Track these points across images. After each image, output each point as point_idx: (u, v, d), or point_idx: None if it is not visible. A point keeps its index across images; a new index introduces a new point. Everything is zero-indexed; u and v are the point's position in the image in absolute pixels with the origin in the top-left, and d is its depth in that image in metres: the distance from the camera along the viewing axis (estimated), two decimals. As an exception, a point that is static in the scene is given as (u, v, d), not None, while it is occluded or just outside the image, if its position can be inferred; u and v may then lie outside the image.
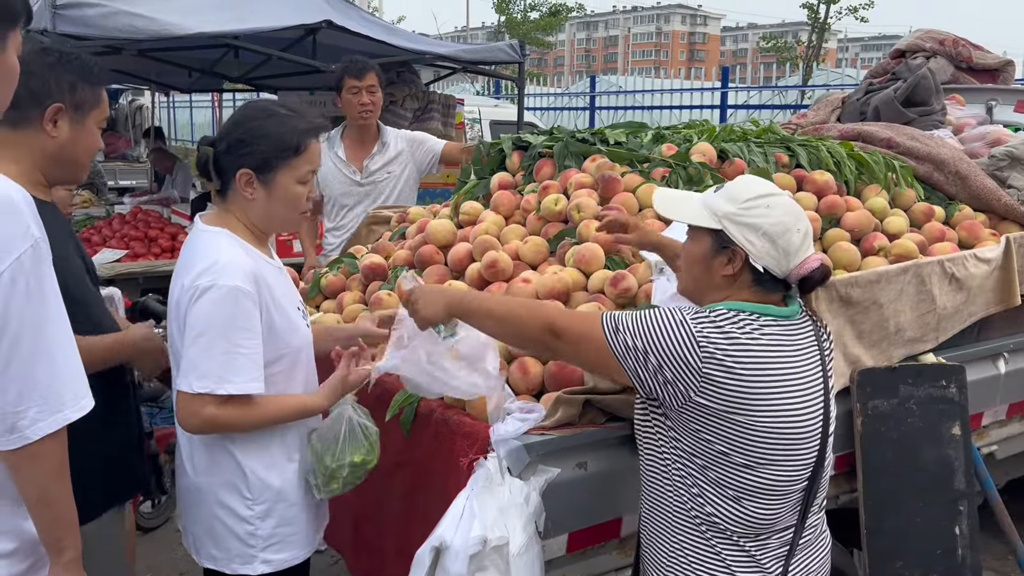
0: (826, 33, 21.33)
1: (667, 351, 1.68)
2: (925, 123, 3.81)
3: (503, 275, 2.62)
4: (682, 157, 2.95)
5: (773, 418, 1.68)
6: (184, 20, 4.95)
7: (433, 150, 3.92)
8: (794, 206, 1.76)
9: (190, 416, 1.86)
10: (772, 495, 1.73)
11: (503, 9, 25.54)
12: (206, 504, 1.98)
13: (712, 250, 1.77)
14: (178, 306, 1.90)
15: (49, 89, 1.83)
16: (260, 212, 1.98)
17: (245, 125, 1.94)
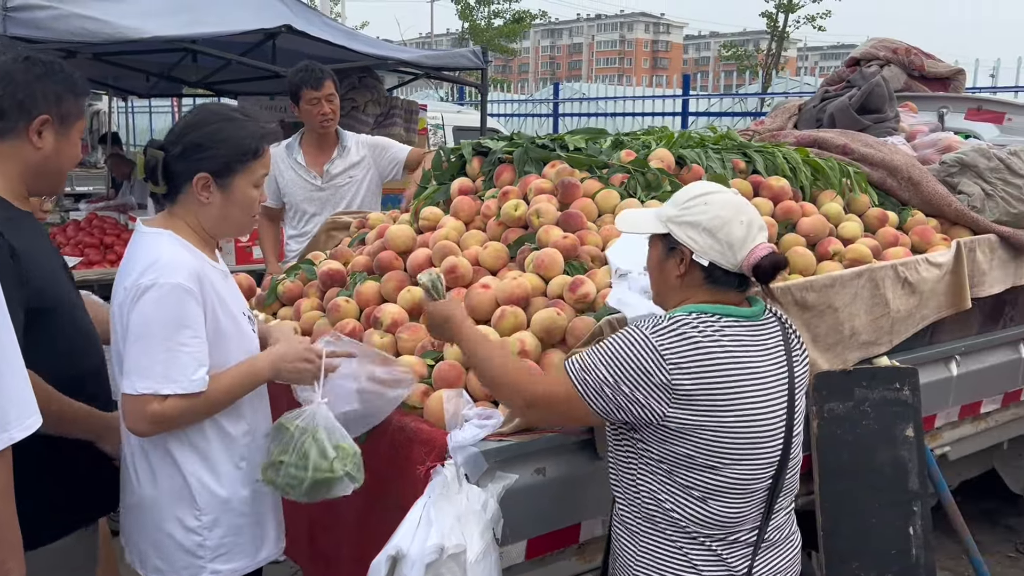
0: (785, 42, 21.66)
1: (637, 376, 1.69)
2: (879, 130, 3.87)
3: (462, 280, 2.61)
4: (640, 163, 2.96)
5: (736, 418, 1.71)
6: (140, 23, 4.87)
7: (397, 157, 3.90)
8: (734, 199, 1.79)
9: (137, 419, 1.81)
10: (736, 494, 1.75)
11: (467, 16, 25.55)
12: (152, 517, 1.93)
13: (663, 254, 1.84)
14: (120, 308, 1.85)
15: (36, 100, 1.83)
16: (214, 216, 1.95)
17: (202, 129, 1.90)
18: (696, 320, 1.72)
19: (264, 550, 2.05)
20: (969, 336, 3.27)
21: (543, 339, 2.32)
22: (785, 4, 20.37)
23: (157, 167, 1.90)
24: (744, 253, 1.74)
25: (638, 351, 1.70)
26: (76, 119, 1.94)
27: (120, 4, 5.02)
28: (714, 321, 1.73)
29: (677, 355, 1.68)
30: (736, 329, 1.74)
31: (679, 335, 1.70)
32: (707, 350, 1.69)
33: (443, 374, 2.25)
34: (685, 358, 1.68)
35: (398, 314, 2.53)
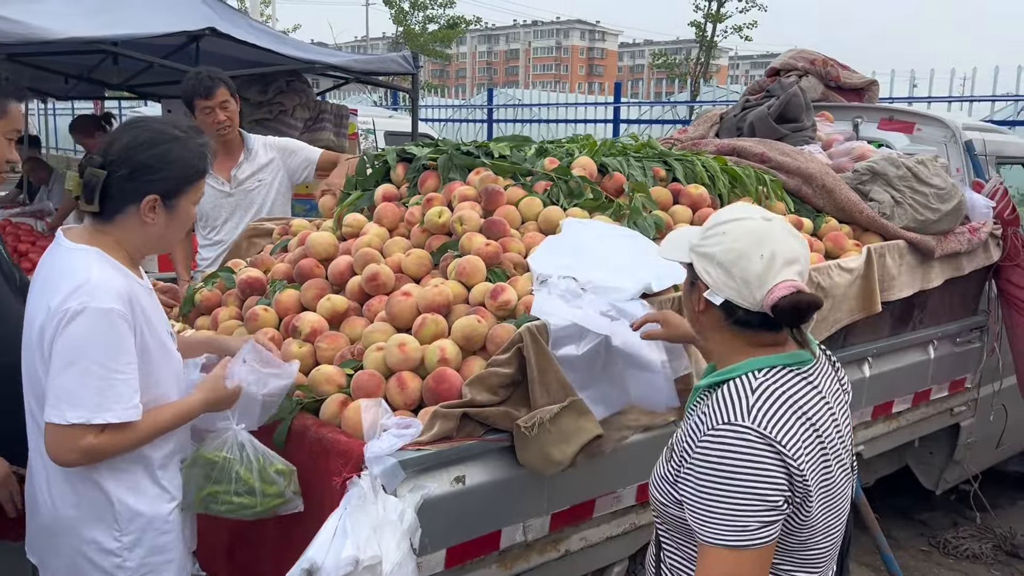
0: (715, 51, 22.18)
1: (776, 487, 1.44)
2: (796, 139, 3.99)
3: (384, 288, 2.59)
4: (563, 171, 2.99)
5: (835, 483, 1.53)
6: (55, 24, 4.72)
7: (309, 159, 3.84)
8: (757, 228, 1.54)
9: (66, 450, 1.74)
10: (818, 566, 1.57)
11: (401, 20, 25.44)
12: (68, 540, 1.87)
13: (688, 284, 1.66)
14: (41, 331, 1.77)
15: None
16: (155, 236, 1.91)
17: (151, 150, 1.84)
18: (779, 380, 1.51)
19: (188, 567, 2.01)
20: (880, 339, 3.39)
21: (463, 346, 2.32)
22: (713, 14, 20.82)
23: (97, 187, 1.82)
24: (764, 291, 1.50)
25: (760, 460, 1.43)
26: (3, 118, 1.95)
27: (37, 4, 4.86)
28: (791, 376, 1.52)
29: (792, 436, 1.45)
30: (808, 377, 1.55)
31: (784, 408, 1.47)
32: (810, 418, 1.49)
33: (362, 383, 2.23)
34: (801, 441, 1.45)
35: (317, 323, 2.50)
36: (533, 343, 2.15)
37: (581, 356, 2.24)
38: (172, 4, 5.55)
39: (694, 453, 1.50)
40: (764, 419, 1.45)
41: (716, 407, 1.51)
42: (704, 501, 1.46)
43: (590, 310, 2.28)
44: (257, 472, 1.94)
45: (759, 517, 1.43)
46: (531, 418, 2.09)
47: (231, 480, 1.93)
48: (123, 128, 1.91)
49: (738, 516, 1.43)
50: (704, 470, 1.47)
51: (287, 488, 1.99)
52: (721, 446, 1.46)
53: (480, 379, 2.15)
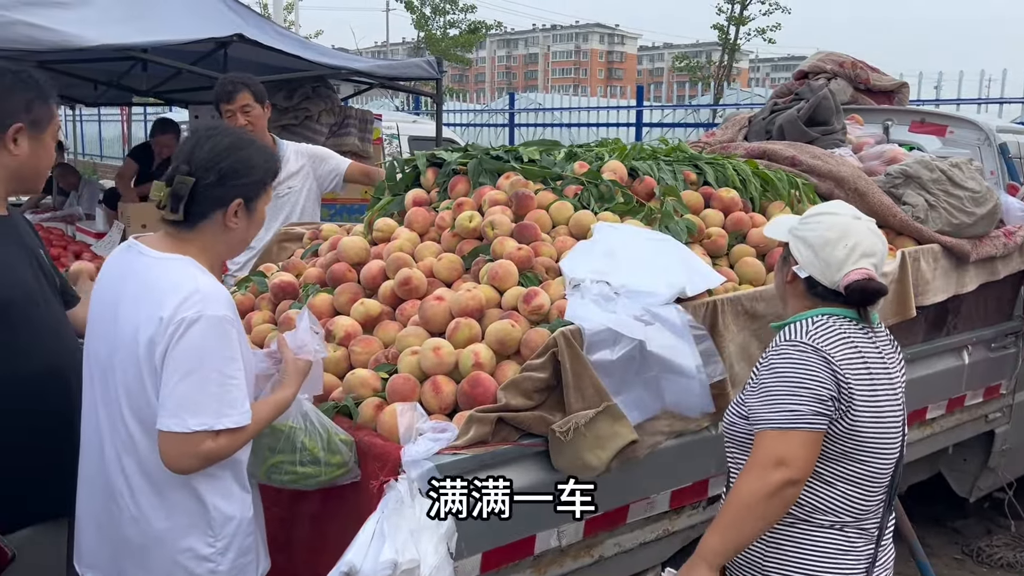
0: (737, 54, 22.07)
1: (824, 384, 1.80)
2: (826, 142, 3.96)
3: (416, 292, 2.60)
4: (594, 175, 2.99)
5: (880, 411, 1.85)
6: (87, 31, 4.77)
7: (337, 169, 3.86)
8: (846, 224, 1.92)
9: (185, 457, 1.75)
10: (869, 483, 1.88)
11: (422, 25, 25.53)
12: (162, 551, 1.86)
13: (782, 258, 2.05)
14: (151, 344, 1.76)
15: (8, 110, 1.96)
16: (236, 240, 1.95)
17: (234, 155, 1.87)
18: (837, 322, 1.88)
19: (262, 565, 2.04)
20: (914, 344, 3.35)
21: (497, 351, 2.32)
22: (736, 17, 20.73)
23: (185, 195, 1.83)
24: (840, 275, 1.87)
25: (811, 362, 1.81)
26: (48, 123, 2.05)
27: (68, 11, 4.91)
28: (850, 323, 1.89)
29: (840, 352, 1.82)
30: (867, 331, 1.91)
31: (836, 334, 1.85)
32: (859, 348, 1.85)
33: (397, 387, 2.23)
34: (847, 356, 1.82)
35: (351, 327, 2.51)
36: (568, 348, 2.15)
37: (616, 361, 2.23)
38: (200, 11, 5.60)
39: (760, 368, 1.90)
40: (816, 338, 1.84)
41: (782, 335, 1.91)
42: (765, 395, 1.83)
43: (624, 314, 2.27)
44: (321, 441, 1.97)
45: (808, 404, 1.77)
46: (566, 423, 2.08)
47: (295, 450, 1.95)
48: (201, 136, 1.91)
49: (791, 405, 1.78)
50: (767, 374, 1.85)
51: (350, 458, 2.03)
52: (781, 355, 1.86)
53: (515, 383, 2.15)
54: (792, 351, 1.84)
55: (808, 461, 1.79)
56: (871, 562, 1.90)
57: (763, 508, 1.77)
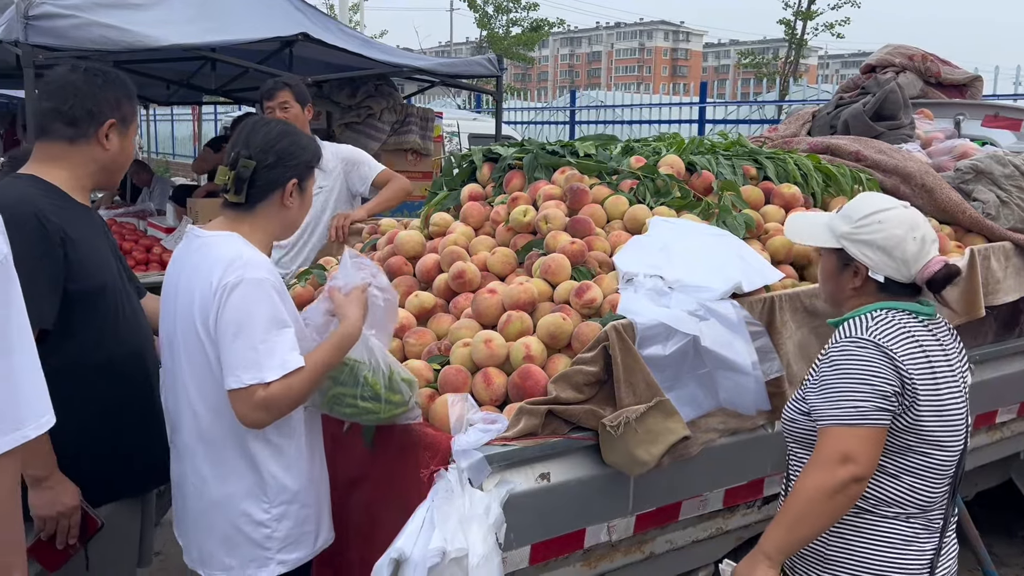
0: (804, 50, 21.54)
1: (887, 381, 1.78)
2: (893, 137, 3.85)
3: (470, 286, 2.62)
4: (650, 169, 2.96)
5: (943, 405, 1.83)
6: (159, 32, 4.93)
7: (366, 176, 3.88)
8: (908, 216, 1.90)
9: (249, 410, 1.88)
10: (934, 476, 1.86)
11: (485, 24, 25.63)
12: (223, 515, 2.01)
13: (838, 267, 1.97)
14: (204, 311, 1.92)
15: (102, 107, 2.08)
16: (291, 219, 2.10)
17: (287, 138, 2.05)
18: (896, 316, 1.85)
19: (321, 538, 2.13)
20: (984, 345, 3.24)
21: (548, 344, 2.33)
22: (803, 12, 20.26)
23: (247, 177, 2.00)
24: (918, 267, 1.87)
25: (874, 358, 1.79)
26: (132, 120, 2.18)
27: (140, 13, 5.08)
28: (910, 317, 1.87)
29: (902, 348, 1.80)
30: (926, 323, 1.89)
31: (896, 329, 1.83)
32: (920, 342, 1.83)
33: (449, 378, 2.25)
34: (909, 351, 1.80)
35: (406, 319, 2.54)
36: (619, 342, 2.14)
37: (668, 356, 2.21)
38: (267, 11, 5.73)
39: (821, 364, 1.88)
40: (878, 334, 1.82)
41: (841, 332, 1.89)
42: (828, 391, 1.82)
43: (678, 309, 2.25)
44: (385, 379, 2.03)
45: (873, 402, 1.77)
46: (617, 417, 2.07)
47: (357, 384, 2.02)
48: (252, 124, 2.07)
49: (855, 401, 1.77)
50: (828, 371, 1.84)
51: (411, 398, 2.07)
52: (843, 352, 1.84)
53: (566, 377, 2.15)
54: (854, 348, 1.82)
55: (873, 457, 1.78)
56: (935, 553, 1.89)
57: (828, 504, 1.77)
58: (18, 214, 1.93)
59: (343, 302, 2.05)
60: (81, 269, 2.03)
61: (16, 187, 2.04)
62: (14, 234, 1.87)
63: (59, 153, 2.09)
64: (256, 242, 2.02)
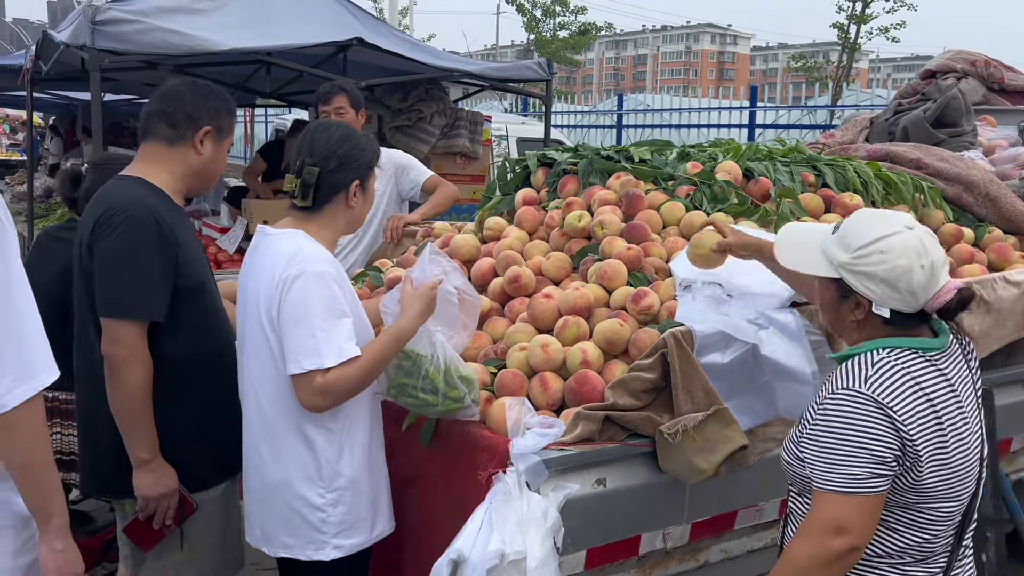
0: (857, 54, 21.19)
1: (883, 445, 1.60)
2: (955, 144, 3.77)
3: (525, 290, 2.63)
4: (707, 175, 2.95)
5: (950, 457, 1.64)
6: (218, 36, 5.04)
7: (416, 181, 3.93)
8: (912, 242, 1.65)
9: (309, 394, 1.99)
10: (935, 527, 1.69)
11: (532, 28, 25.68)
12: (281, 497, 2.09)
13: (836, 297, 1.75)
14: (269, 303, 2.03)
15: (202, 113, 2.21)
16: (355, 216, 2.21)
17: (349, 142, 2.14)
18: (901, 360, 1.64)
19: (378, 527, 2.19)
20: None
21: (605, 350, 2.33)
22: (857, 15, 19.92)
23: (313, 183, 2.10)
24: (928, 296, 1.66)
25: (871, 419, 1.60)
26: (228, 132, 2.30)
27: (199, 18, 5.20)
28: (916, 358, 1.65)
29: (905, 405, 1.60)
30: (935, 362, 1.67)
31: (899, 379, 1.62)
32: (926, 391, 1.62)
33: (505, 382, 2.27)
34: (912, 408, 1.60)
35: (462, 322, 2.56)
36: (678, 349, 2.13)
37: (727, 364, 2.20)
38: (321, 15, 5.82)
39: (816, 414, 1.69)
40: (878, 387, 1.62)
41: (839, 377, 1.69)
42: (821, 452, 1.64)
43: (737, 317, 2.24)
44: (443, 374, 2.08)
45: (868, 468, 1.60)
46: (675, 425, 2.07)
47: (419, 376, 2.09)
48: (314, 131, 2.16)
49: (848, 466, 1.61)
50: (822, 426, 1.65)
51: (467, 395, 2.12)
52: (838, 407, 1.64)
53: (623, 383, 2.14)
54: (850, 403, 1.62)
55: (869, 526, 1.63)
56: None
57: (821, 573, 1.63)
58: (138, 213, 2.09)
59: (410, 296, 2.12)
60: (187, 267, 2.16)
61: (130, 188, 2.17)
62: (135, 232, 2.09)
63: (159, 154, 2.21)
64: (321, 239, 2.12)
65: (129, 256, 2.08)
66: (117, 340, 2.07)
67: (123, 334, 2.07)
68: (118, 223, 2.08)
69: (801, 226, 2.07)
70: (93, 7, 4.58)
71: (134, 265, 2.08)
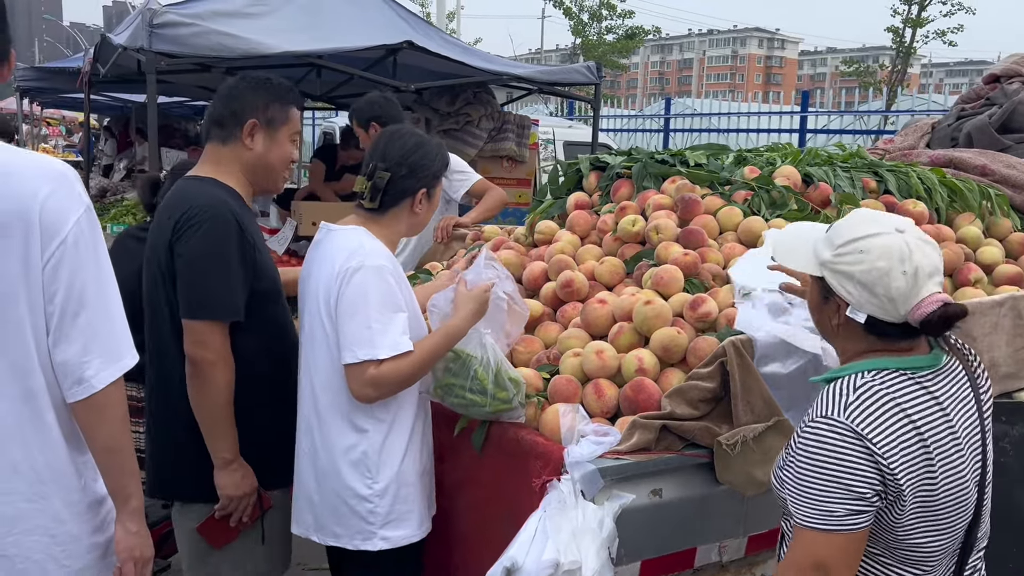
0: (911, 58, 20.76)
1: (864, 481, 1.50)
2: (1022, 151, 3.65)
3: (578, 295, 2.60)
4: (765, 180, 2.89)
5: (939, 489, 1.54)
6: (271, 39, 5.10)
7: (464, 184, 3.94)
8: (896, 245, 1.54)
9: (360, 384, 2.03)
10: (928, 563, 1.60)
11: (579, 31, 25.62)
12: (330, 486, 2.13)
13: (819, 297, 1.67)
14: (327, 294, 2.08)
15: (245, 108, 2.19)
16: (417, 222, 2.25)
17: (420, 151, 2.19)
18: (887, 383, 1.54)
19: (426, 522, 2.21)
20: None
21: (661, 357, 2.28)
22: (913, 19, 19.50)
23: (383, 187, 2.14)
24: (909, 306, 1.53)
25: (849, 452, 1.49)
26: (282, 123, 2.24)
27: (253, 21, 5.27)
28: (903, 381, 1.55)
29: (887, 436, 1.49)
30: (924, 383, 1.56)
31: (883, 407, 1.51)
32: (913, 419, 1.51)
33: (559, 388, 2.24)
34: (895, 440, 1.50)
35: (514, 326, 2.53)
36: (738, 358, 2.08)
37: (787, 374, 2.15)
38: (372, 19, 5.87)
39: (796, 441, 1.58)
40: (858, 416, 1.51)
41: (819, 402, 1.58)
42: (798, 486, 1.55)
43: (799, 326, 2.18)
44: (492, 375, 2.10)
45: (845, 505, 1.50)
46: (734, 435, 2.02)
47: (468, 376, 2.11)
48: (389, 137, 2.21)
49: (825, 502, 1.51)
50: (800, 457, 1.55)
51: (515, 396, 2.13)
52: (815, 438, 1.54)
53: (680, 392, 2.10)
54: (827, 433, 1.51)
55: (850, 564, 1.53)
56: None
57: None
58: (219, 215, 2.11)
59: (464, 297, 2.15)
60: (262, 270, 2.19)
61: (207, 188, 2.19)
62: (218, 232, 2.11)
63: (216, 155, 2.23)
64: (383, 238, 2.16)
65: (213, 257, 2.10)
66: (203, 342, 2.09)
67: (208, 336, 2.09)
68: (201, 223, 2.09)
69: (808, 224, 2.01)
70: (151, 11, 4.67)
71: (219, 266, 2.10)
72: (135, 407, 2.77)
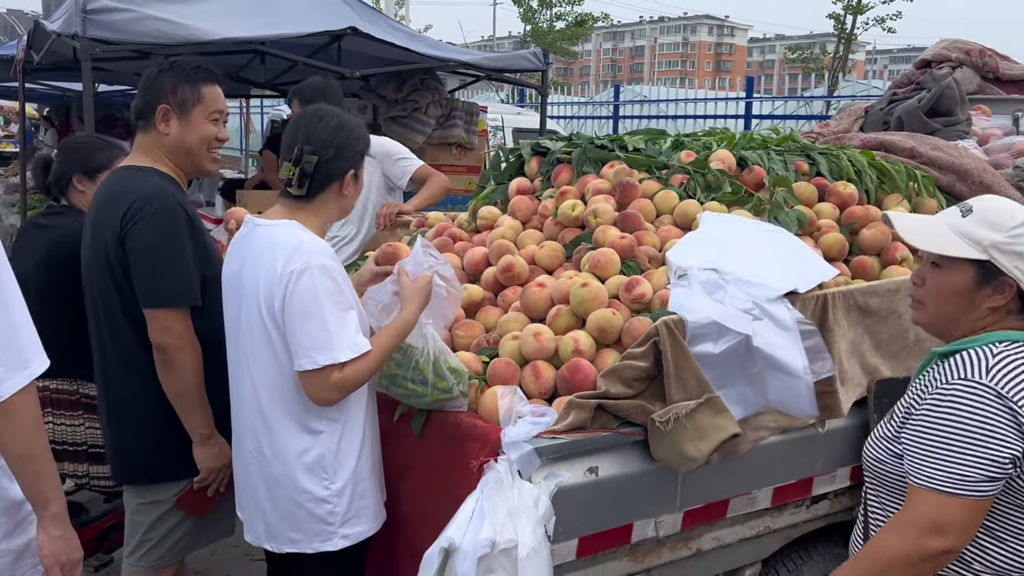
0: (853, 45, 21.15)
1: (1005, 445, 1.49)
2: (949, 133, 3.77)
3: (518, 279, 2.62)
4: (701, 164, 2.94)
5: None
6: (211, 25, 5.02)
7: (406, 171, 3.89)
8: None
9: (323, 390, 1.99)
10: None
11: (529, 19, 25.59)
12: (284, 492, 2.09)
13: (976, 282, 1.67)
14: (270, 298, 2.01)
15: (157, 95, 2.22)
16: (345, 206, 2.20)
17: (344, 131, 2.11)
18: (1020, 351, 1.57)
19: (381, 512, 2.23)
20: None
21: (597, 338, 2.32)
22: (853, 6, 19.88)
23: (311, 171, 2.07)
24: None
25: (992, 414, 1.50)
26: (194, 104, 2.25)
27: (192, 6, 5.18)
28: None
29: None
30: None
31: (1022, 372, 1.53)
32: None
33: (498, 371, 2.26)
34: None
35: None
36: (670, 337, 2.13)
37: (719, 354, 2.19)
38: (315, 5, 5.80)
39: (921, 405, 1.58)
40: (1003, 379, 1.51)
41: (952, 367, 1.58)
42: (925, 446, 1.54)
43: (732, 307, 2.23)
44: (432, 365, 2.10)
45: (979, 470, 1.49)
46: (666, 413, 2.06)
47: (410, 367, 2.10)
48: (310, 119, 2.12)
49: (960, 465, 1.50)
50: (932, 419, 1.55)
51: (456, 386, 2.13)
52: (952, 399, 1.53)
53: (615, 371, 2.14)
54: (969, 396, 1.52)
55: (971, 529, 1.53)
56: None
57: (911, 572, 1.56)
58: (166, 204, 2.13)
59: (411, 290, 2.13)
60: (208, 255, 2.22)
61: (148, 177, 2.21)
62: (167, 221, 2.10)
63: (142, 144, 2.26)
64: (313, 227, 2.10)
65: (166, 246, 2.14)
66: (168, 329, 2.14)
67: (172, 323, 2.14)
68: (148, 214, 2.12)
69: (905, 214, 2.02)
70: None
71: (173, 254, 2.14)
72: (69, 400, 2.73)
